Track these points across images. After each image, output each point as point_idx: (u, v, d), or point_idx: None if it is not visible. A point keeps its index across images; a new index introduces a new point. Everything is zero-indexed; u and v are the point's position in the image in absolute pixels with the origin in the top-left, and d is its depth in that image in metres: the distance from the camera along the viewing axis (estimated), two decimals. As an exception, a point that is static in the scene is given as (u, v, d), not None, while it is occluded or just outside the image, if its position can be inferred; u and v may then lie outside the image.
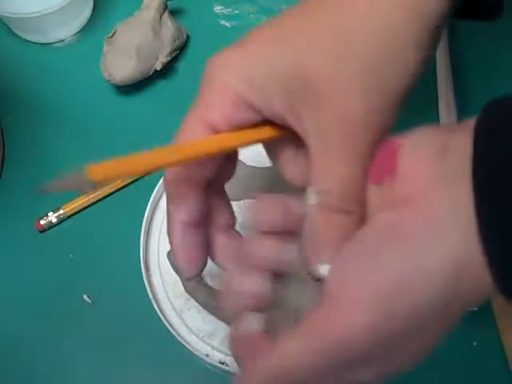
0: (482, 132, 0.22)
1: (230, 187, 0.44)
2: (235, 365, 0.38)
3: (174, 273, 0.41)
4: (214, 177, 0.29)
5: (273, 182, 0.43)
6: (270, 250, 0.26)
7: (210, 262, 0.42)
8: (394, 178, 0.24)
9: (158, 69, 0.48)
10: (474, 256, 0.21)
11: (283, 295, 0.26)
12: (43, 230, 0.44)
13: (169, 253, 0.41)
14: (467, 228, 0.21)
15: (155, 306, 0.39)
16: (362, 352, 0.22)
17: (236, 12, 0.54)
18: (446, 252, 0.21)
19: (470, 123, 0.23)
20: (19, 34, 0.53)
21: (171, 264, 0.41)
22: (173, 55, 0.49)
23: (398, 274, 0.22)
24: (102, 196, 0.45)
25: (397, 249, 0.22)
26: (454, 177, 0.22)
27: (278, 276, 0.26)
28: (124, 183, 0.45)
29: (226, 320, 0.39)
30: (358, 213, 0.25)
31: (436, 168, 0.23)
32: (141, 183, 0.46)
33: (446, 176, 0.22)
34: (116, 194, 0.45)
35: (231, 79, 0.26)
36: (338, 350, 0.22)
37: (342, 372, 0.24)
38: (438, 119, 0.46)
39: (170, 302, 0.41)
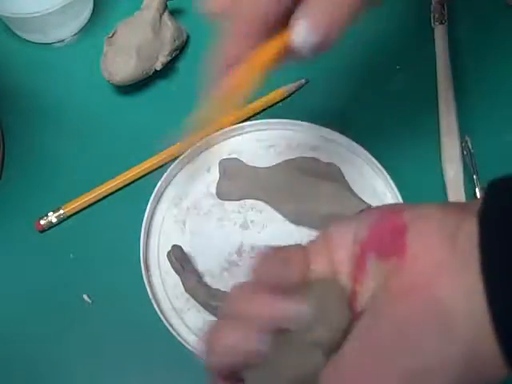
0: (488, 220, 0.22)
1: (229, 187, 0.44)
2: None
3: (173, 273, 0.41)
4: None
5: (273, 182, 0.43)
6: (278, 306, 0.24)
7: (210, 262, 0.42)
8: (402, 259, 0.23)
9: (158, 69, 0.48)
10: (486, 346, 0.21)
11: (276, 357, 0.24)
12: (43, 230, 0.44)
13: (169, 253, 0.41)
14: (479, 317, 0.21)
15: (155, 305, 0.39)
16: None
17: (236, 12, 0.54)
18: (459, 347, 0.21)
19: (477, 206, 0.23)
20: (19, 33, 0.53)
21: (171, 264, 0.41)
22: (173, 55, 0.49)
23: (409, 371, 0.21)
24: (102, 196, 0.45)
25: (408, 346, 0.22)
26: (464, 265, 0.22)
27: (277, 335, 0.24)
28: (124, 183, 0.45)
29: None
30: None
31: (447, 255, 0.22)
32: (141, 183, 0.46)
33: (456, 264, 0.22)
34: (116, 193, 0.45)
35: None
36: None
37: None
38: (437, 119, 0.46)
39: (170, 302, 0.41)
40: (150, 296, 0.40)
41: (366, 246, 0.24)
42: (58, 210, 0.44)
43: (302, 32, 0.23)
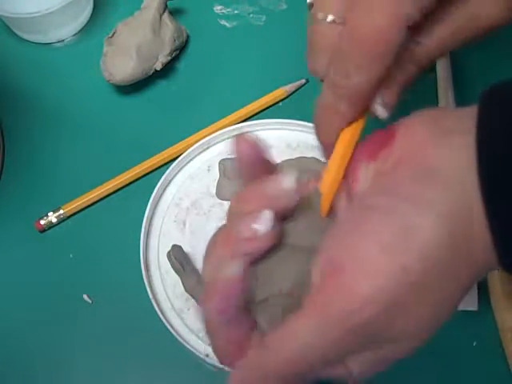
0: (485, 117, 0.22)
1: (229, 187, 0.44)
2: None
3: (173, 273, 0.41)
4: None
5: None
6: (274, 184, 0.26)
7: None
8: (390, 148, 0.24)
9: (158, 69, 0.48)
10: (474, 226, 0.21)
11: (274, 267, 0.25)
12: (43, 230, 0.44)
13: (169, 253, 0.41)
14: (468, 183, 0.21)
15: (155, 305, 0.39)
16: (377, 319, 0.21)
17: (236, 12, 0.54)
18: (446, 202, 0.21)
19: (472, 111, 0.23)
20: (19, 34, 0.53)
21: (171, 264, 0.41)
22: (173, 55, 0.49)
23: (402, 224, 0.21)
24: (102, 196, 0.45)
25: (397, 201, 0.22)
26: (453, 137, 0.22)
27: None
28: (124, 183, 0.45)
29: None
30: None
31: (435, 131, 0.23)
32: (141, 183, 0.46)
33: (445, 135, 0.23)
34: (116, 193, 0.45)
35: None
36: (351, 322, 0.21)
37: (357, 353, 0.23)
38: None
39: (170, 302, 0.41)
40: (150, 296, 0.40)
41: (357, 156, 0.26)
42: (58, 210, 0.44)
43: (377, 107, 0.27)
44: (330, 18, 0.27)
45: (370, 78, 0.25)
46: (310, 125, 0.46)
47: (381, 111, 0.27)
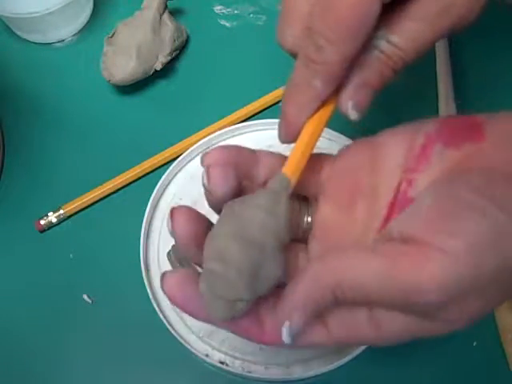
0: None
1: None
2: (235, 365, 0.38)
3: (173, 273, 0.41)
4: None
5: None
6: None
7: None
8: (479, 145, 0.24)
9: (158, 69, 0.48)
10: None
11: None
12: (43, 230, 0.44)
13: (169, 253, 0.41)
14: None
15: (155, 306, 0.39)
16: (439, 304, 0.22)
17: (236, 12, 0.54)
18: None
19: None
20: (19, 34, 0.53)
21: (171, 264, 0.41)
22: (173, 55, 0.49)
23: (495, 231, 0.21)
24: (101, 196, 0.45)
25: (494, 206, 0.22)
26: None
27: None
28: (124, 183, 0.45)
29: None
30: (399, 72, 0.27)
31: None
32: (141, 183, 0.46)
33: None
34: (116, 194, 0.45)
35: None
36: (416, 297, 0.22)
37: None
38: (437, 119, 0.46)
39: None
40: (150, 296, 0.40)
41: (433, 135, 0.25)
42: (58, 210, 0.44)
43: (348, 108, 0.27)
44: None
45: (344, 53, 0.25)
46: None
47: (352, 114, 0.27)
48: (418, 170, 0.25)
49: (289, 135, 0.28)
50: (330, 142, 0.46)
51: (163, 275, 0.26)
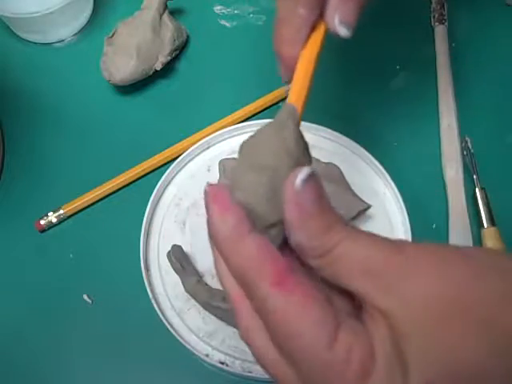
0: None
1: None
2: (235, 365, 0.38)
3: (173, 273, 0.41)
4: None
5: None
6: None
7: (210, 262, 0.42)
8: None
9: (158, 69, 0.48)
10: None
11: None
12: (43, 230, 0.44)
13: (169, 253, 0.41)
14: None
15: (155, 305, 0.39)
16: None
17: (236, 12, 0.54)
18: None
19: None
20: (19, 34, 0.53)
21: (171, 264, 0.41)
22: (173, 55, 0.49)
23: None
24: (101, 196, 0.45)
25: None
26: None
27: None
28: (124, 183, 0.45)
29: (226, 320, 0.39)
30: None
31: None
32: (141, 183, 0.46)
33: None
34: (116, 194, 0.45)
35: None
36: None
37: None
38: (437, 119, 0.46)
39: (170, 302, 0.41)
40: (150, 296, 0.40)
41: None
42: (58, 210, 0.44)
43: (335, 25, 0.27)
44: None
45: None
46: (310, 125, 0.46)
47: (342, 31, 0.27)
48: None
49: (287, 69, 0.28)
50: (330, 142, 0.46)
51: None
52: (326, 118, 0.46)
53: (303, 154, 0.25)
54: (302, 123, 0.45)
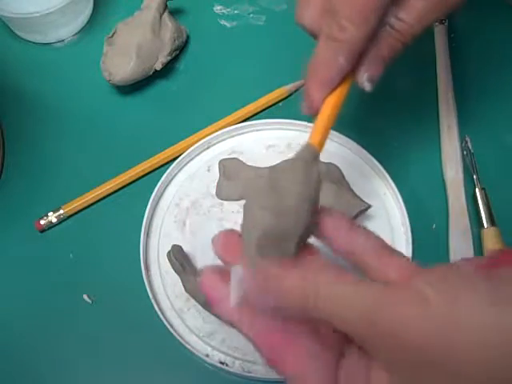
0: None
1: (229, 187, 0.44)
2: (235, 365, 0.38)
3: (173, 273, 0.41)
4: None
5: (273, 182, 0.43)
6: None
7: (210, 262, 0.42)
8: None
9: (158, 69, 0.48)
10: None
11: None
12: (43, 230, 0.44)
13: (169, 253, 0.41)
14: None
15: (155, 305, 0.39)
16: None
17: (236, 12, 0.54)
18: None
19: None
20: (19, 34, 0.53)
21: (171, 264, 0.41)
22: (173, 55, 0.49)
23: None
24: (101, 196, 0.45)
25: None
26: None
27: None
28: (124, 183, 0.45)
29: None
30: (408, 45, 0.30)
31: None
32: (141, 183, 0.46)
33: None
34: (116, 193, 0.45)
35: None
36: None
37: None
38: (437, 119, 0.46)
39: (170, 302, 0.41)
40: (150, 296, 0.40)
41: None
42: (58, 210, 0.44)
43: (364, 81, 0.30)
44: None
45: (365, 32, 0.28)
46: (310, 125, 0.46)
47: (367, 86, 0.30)
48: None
49: (312, 108, 0.30)
50: (330, 142, 0.46)
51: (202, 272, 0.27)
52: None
53: (318, 195, 0.27)
54: (302, 123, 0.46)
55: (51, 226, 0.44)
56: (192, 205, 0.44)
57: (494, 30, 0.51)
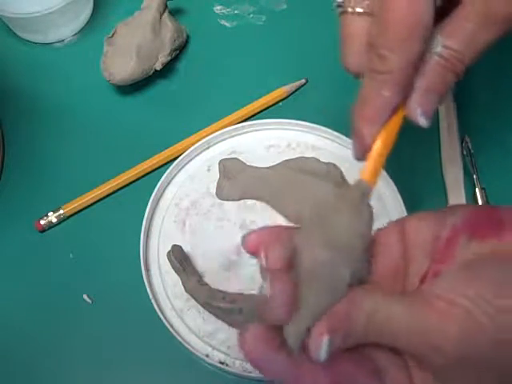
0: None
1: (229, 187, 0.44)
2: (235, 365, 0.38)
3: (173, 273, 0.41)
4: None
5: (273, 182, 0.43)
6: None
7: (210, 262, 0.42)
8: (501, 241, 0.25)
9: (158, 69, 0.48)
10: None
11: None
12: (43, 230, 0.44)
13: (169, 253, 0.41)
14: None
15: (155, 306, 0.39)
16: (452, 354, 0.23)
17: (236, 12, 0.54)
18: None
19: None
20: (19, 34, 0.53)
21: (171, 264, 0.41)
22: (173, 55, 0.49)
23: (499, 280, 0.23)
24: (101, 196, 0.45)
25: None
26: None
27: None
28: (124, 183, 0.45)
29: (227, 320, 0.39)
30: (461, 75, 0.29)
31: None
32: (141, 183, 0.46)
33: None
34: (116, 193, 0.45)
35: None
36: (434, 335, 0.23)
37: None
38: (437, 119, 0.46)
39: (170, 302, 0.41)
40: (150, 296, 0.40)
41: (459, 228, 0.26)
42: (58, 210, 0.44)
43: (417, 116, 0.28)
44: (358, 9, 0.29)
45: (406, 58, 0.26)
46: (310, 125, 0.46)
47: (422, 121, 0.28)
48: (443, 262, 0.26)
49: (363, 149, 0.29)
50: (330, 142, 0.46)
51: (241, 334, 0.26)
52: (326, 117, 0.46)
53: (371, 234, 0.27)
54: (302, 123, 0.46)
55: (51, 225, 0.44)
56: (192, 205, 0.44)
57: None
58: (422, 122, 0.28)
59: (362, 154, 0.29)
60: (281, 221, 0.42)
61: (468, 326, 0.22)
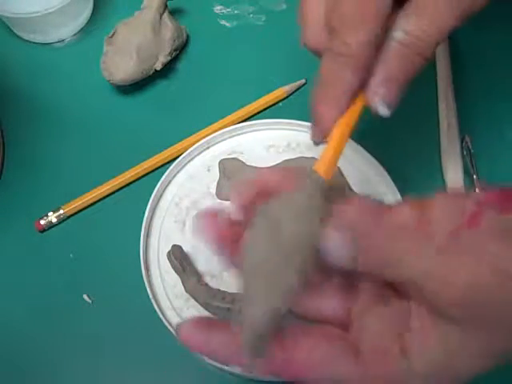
0: None
1: (229, 188, 0.44)
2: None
3: (173, 273, 0.41)
4: None
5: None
6: None
7: (210, 262, 0.42)
8: None
9: (158, 69, 0.48)
10: None
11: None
12: (43, 230, 0.44)
13: (169, 253, 0.41)
14: None
15: (155, 305, 0.39)
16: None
17: (236, 12, 0.54)
18: None
19: None
20: (19, 34, 0.53)
21: (171, 264, 0.41)
22: (173, 55, 0.49)
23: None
24: (101, 196, 0.45)
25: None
26: None
27: None
28: (124, 183, 0.45)
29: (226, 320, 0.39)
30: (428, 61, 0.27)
31: None
32: (141, 183, 0.46)
33: None
34: (116, 193, 0.45)
35: None
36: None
37: None
38: (437, 119, 0.46)
39: (170, 302, 0.41)
40: (150, 296, 0.40)
41: (484, 202, 0.25)
42: (58, 210, 0.44)
43: (377, 104, 0.27)
44: None
45: (368, 39, 0.26)
46: (310, 125, 0.46)
47: (382, 110, 0.28)
48: (475, 220, 0.25)
49: (322, 133, 0.28)
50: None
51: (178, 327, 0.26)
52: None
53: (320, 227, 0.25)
54: (302, 123, 0.46)
55: (51, 225, 0.44)
56: (192, 205, 0.44)
57: (494, 30, 0.51)
58: (382, 110, 0.27)
59: (320, 138, 0.28)
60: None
61: (479, 277, 0.22)
